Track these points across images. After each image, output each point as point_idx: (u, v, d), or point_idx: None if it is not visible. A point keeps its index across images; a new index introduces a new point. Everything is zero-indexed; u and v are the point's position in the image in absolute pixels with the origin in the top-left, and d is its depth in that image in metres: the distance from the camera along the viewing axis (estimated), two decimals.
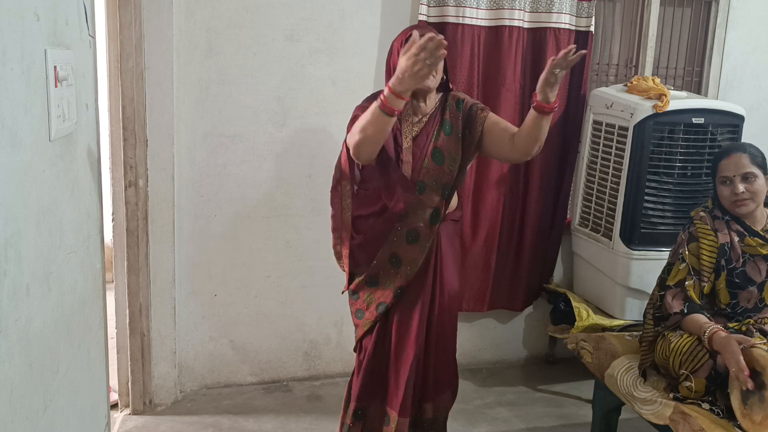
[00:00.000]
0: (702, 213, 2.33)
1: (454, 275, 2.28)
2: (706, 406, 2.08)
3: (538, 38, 3.06)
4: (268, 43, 2.88)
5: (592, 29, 3.11)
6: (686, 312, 2.21)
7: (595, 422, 2.62)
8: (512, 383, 3.30)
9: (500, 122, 2.19)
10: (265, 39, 2.87)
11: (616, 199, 2.96)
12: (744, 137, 2.94)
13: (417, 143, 2.17)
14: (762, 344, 2.05)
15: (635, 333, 2.63)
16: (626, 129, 2.89)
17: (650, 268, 2.85)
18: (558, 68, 1.87)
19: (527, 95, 3.10)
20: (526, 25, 3.04)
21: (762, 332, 2.17)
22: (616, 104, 2.96)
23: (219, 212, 2.97)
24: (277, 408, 2.96)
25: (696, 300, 2.22)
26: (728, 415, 2.03)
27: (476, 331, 3.41)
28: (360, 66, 2.99)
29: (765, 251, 2.24)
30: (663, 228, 2.91)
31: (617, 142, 2.96)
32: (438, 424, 2.32)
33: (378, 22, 2.97)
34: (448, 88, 2.24)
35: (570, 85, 3.15)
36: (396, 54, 2.08)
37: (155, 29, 2.64)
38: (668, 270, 2.34)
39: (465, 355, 3.32)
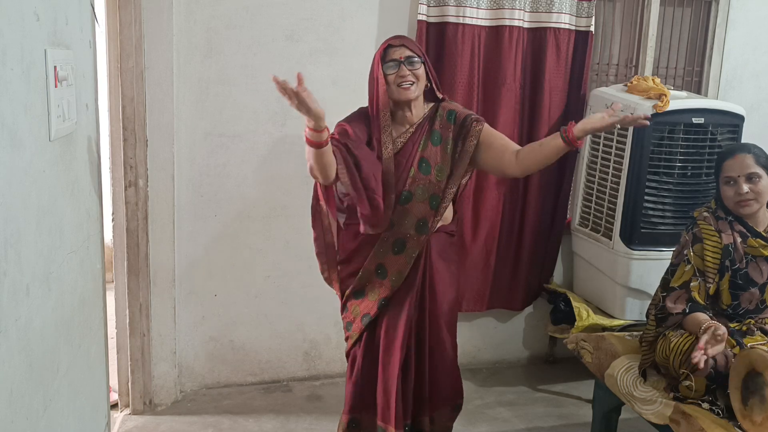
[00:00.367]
0: (705, 213, 2.30)
1: (450, 287, 2.26)
2: (706, 406, 2.07)
3: (538, 38, 3.06)
4: (268, 43, 2.88)
5: (592, 29, 3.11)
6: (688, 312, 2.20)
7: (595, 422, 2.61)
8: (512, 383, 3.30)
9: (498, 137, 2.17)
10: (265, 39, 2.87)
11: (616, 199, 2.96)
12: (744, 137, 2.94)
13: (403, 152, 2.16)
14: (762, 344, 2.05)
15: (635, 333, 2.63)
16: (626, 129, 2.89)
17: (650, 268, 2.85)
18: (620, 125, 1.93)
19: (527, 95, 3.10)
20: (526, 25, 3.04)
21: (763, 331, 2.17)
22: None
23: (219, 212, 2.97)
24: (277, 408, 2.96)
25: (700, 301, 2.20)
26: (728, 415, 2.02)
27: (476, 331, 3.41)
28: (360, 66, 2.97)
29: (767, 252, 2.23)
30: (663, 228, 2.91)
31: (617, 142, 2.96)
32: None
33: (378, 22, 2.97)
34: (437, 97, 2.22)
35: (570, 85, 3.15)
36: (377, 65, 2.12)
37: (155, 29, 2.64)
38: (672, 271, 2.32)
39: (465, 355, 3.32)
